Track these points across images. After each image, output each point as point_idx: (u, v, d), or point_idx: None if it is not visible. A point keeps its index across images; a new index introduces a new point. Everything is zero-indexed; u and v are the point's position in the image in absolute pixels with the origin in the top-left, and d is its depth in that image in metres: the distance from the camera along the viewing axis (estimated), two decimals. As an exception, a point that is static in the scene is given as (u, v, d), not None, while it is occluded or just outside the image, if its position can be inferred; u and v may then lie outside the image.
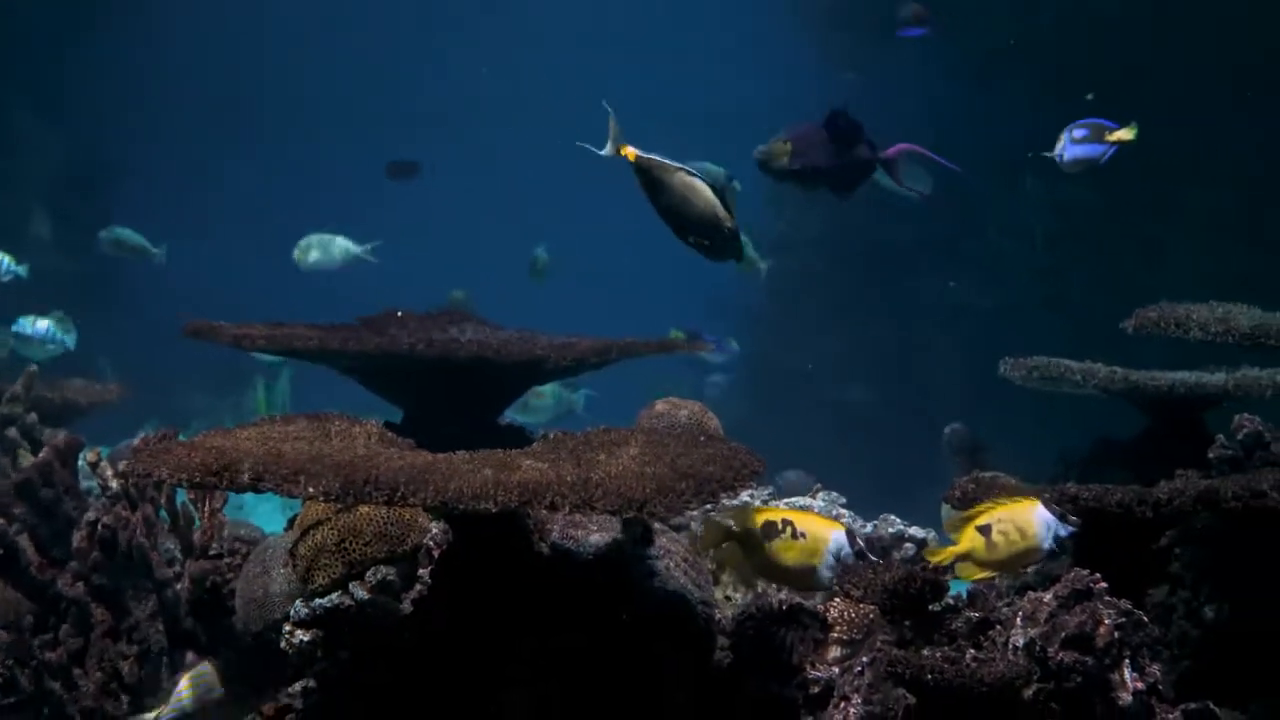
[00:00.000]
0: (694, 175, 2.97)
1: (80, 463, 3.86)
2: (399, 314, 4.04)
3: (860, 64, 9.31)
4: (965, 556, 2.73)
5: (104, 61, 11.68)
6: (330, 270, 6.94)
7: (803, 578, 2.78)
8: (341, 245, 6.93)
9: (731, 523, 2.80)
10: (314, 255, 6.92)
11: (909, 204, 8.14)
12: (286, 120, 14.43)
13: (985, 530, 2.71)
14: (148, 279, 10.48)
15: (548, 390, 6.56)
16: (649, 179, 2.97)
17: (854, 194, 4.17)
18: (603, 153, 2.92)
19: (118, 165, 11.40)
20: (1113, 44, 8.18)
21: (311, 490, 2.39)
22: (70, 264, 10.00)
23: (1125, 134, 4.08)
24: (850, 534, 2.79)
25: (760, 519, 2.78)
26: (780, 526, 2.76)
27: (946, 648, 2.54)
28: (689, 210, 2.97)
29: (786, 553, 2.76)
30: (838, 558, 2.73)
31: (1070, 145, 4.19)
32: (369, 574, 2.90)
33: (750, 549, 2.78)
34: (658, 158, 2.96)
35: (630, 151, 2.94)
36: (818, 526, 2.77)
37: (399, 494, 2.36)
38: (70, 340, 7.23)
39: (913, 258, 9.28)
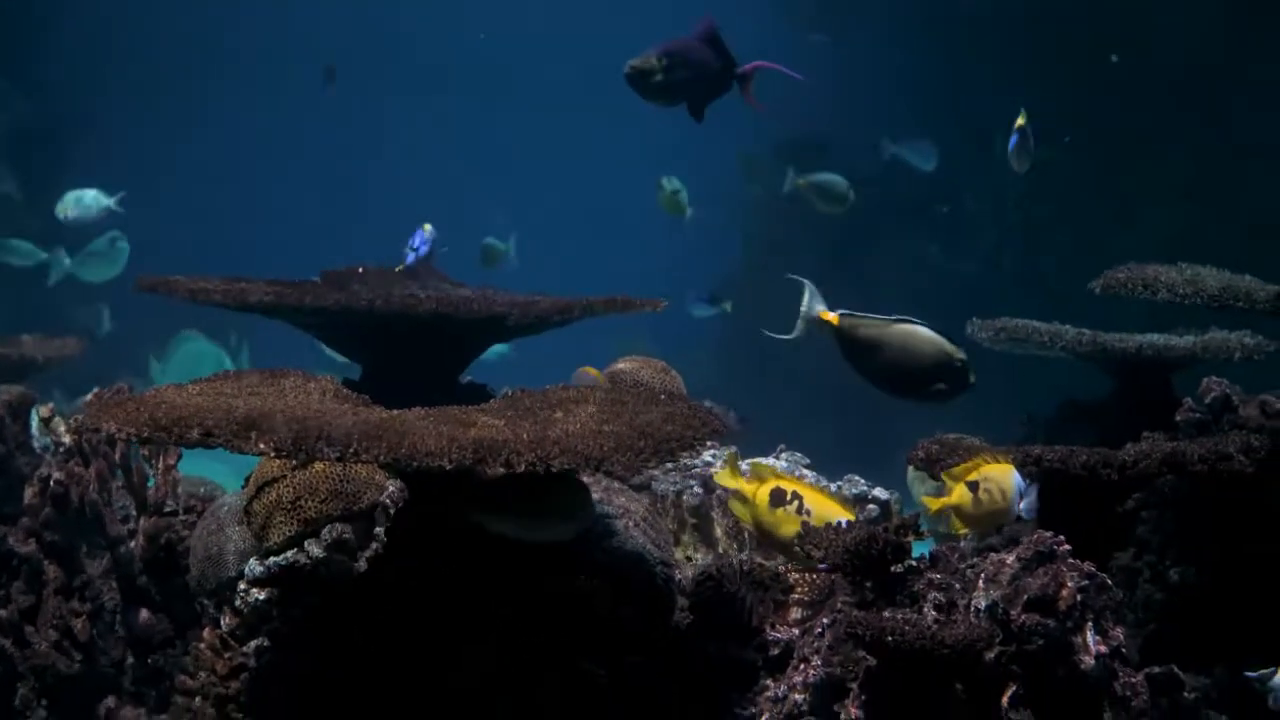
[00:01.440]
0: (909, 321, 2.68)
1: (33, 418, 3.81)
2: (360, 269, 3.98)
3: (828, 25, 9.25)
4: (954, 509, 2.73)
5: (66, 15, 11.49)
6: (89, 221, 7.09)
7: (793, 554, 2.76)
8: (94, 197, 7.05)
9: (748, 470, 2.79)
10: (72, 211, 7.07)
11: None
12: (256, 76, 14.24)
13: (974, 486, 2.70)
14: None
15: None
16: (858, 343, 2.68)
17: (704, 111, 4.00)
18: (794, 334, 2.72)
19: (82, 122, 11.22)
20: (1085, 10, 8.14)
21: (262, 446, 2.35)
22: (37, 221, 9.87)
23: (1020, 120, 4.47)
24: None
25: (773, 484, 2.78)
26: (789, 497, 2.74)
27: (908, 609, 2.51)
28: (917, 362, 2.71)
29: (785, 524, 2.74)
30: None
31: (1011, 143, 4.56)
32: (325, 532, 2.86)
33: (752, 505, 2.79)
34: (863, 316, 2.67)
35: (831, 316, 2.68)
36: (827, 511, 2.74)
37: (351, 450, 2.32)
38: (124, 258, 7.24)
39: (885, 222, 9.23)
